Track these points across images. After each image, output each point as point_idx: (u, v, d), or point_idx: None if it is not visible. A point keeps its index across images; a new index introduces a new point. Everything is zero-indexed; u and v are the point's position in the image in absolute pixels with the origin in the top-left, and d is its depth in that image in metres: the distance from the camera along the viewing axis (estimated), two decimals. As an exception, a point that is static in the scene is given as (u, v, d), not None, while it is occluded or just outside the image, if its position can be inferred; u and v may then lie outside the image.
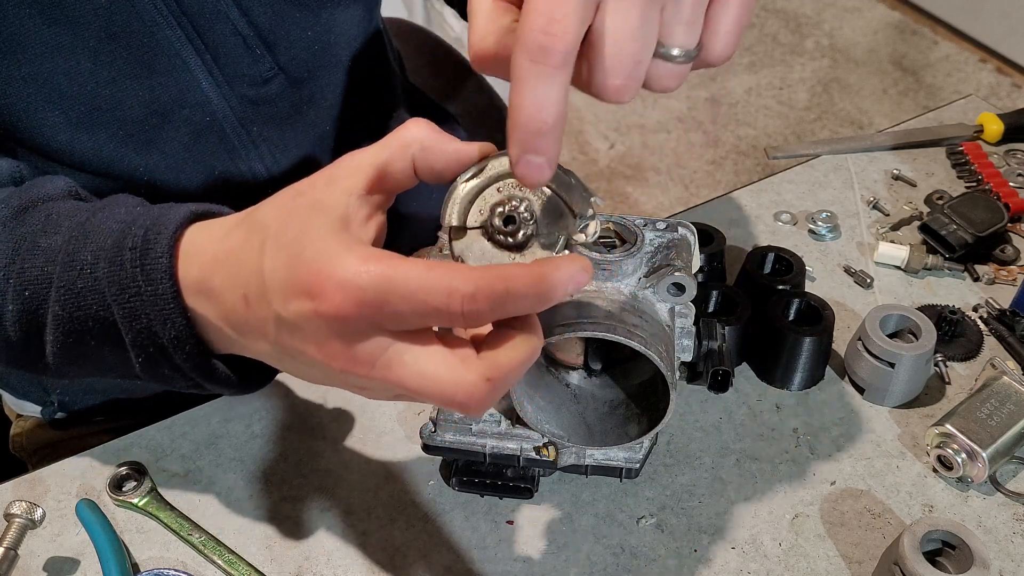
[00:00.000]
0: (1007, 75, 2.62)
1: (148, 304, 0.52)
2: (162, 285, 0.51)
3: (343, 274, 0.42)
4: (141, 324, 0.53)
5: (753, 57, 2.72)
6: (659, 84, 0.44)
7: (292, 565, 0.64)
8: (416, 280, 0.42)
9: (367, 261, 0.42)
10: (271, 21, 0.71)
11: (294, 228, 0.46)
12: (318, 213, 0.46)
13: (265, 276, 0.46)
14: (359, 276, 0.42)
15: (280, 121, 0.77)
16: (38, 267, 0.56)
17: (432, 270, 0.42)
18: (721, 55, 0.44)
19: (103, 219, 0.56)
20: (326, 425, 0.73)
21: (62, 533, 0.66)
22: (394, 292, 0.42)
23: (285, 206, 0.48)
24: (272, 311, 0.46)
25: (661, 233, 0.60)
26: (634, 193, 2.30)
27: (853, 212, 0.93)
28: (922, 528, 0.60)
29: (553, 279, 0.42)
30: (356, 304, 0.42)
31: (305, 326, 0.45)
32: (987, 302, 0.82)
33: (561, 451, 0.64)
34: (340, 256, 0.43)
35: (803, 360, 0.74)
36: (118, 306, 0.53)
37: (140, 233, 0.53)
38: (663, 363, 0.54)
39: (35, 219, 0.58)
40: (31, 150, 0.67)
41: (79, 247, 0.55)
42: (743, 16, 0.44)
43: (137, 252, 0.52)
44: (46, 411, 0.86)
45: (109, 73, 0.65)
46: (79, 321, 0.55)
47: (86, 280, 0.54)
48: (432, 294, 0.41)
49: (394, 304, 0.42)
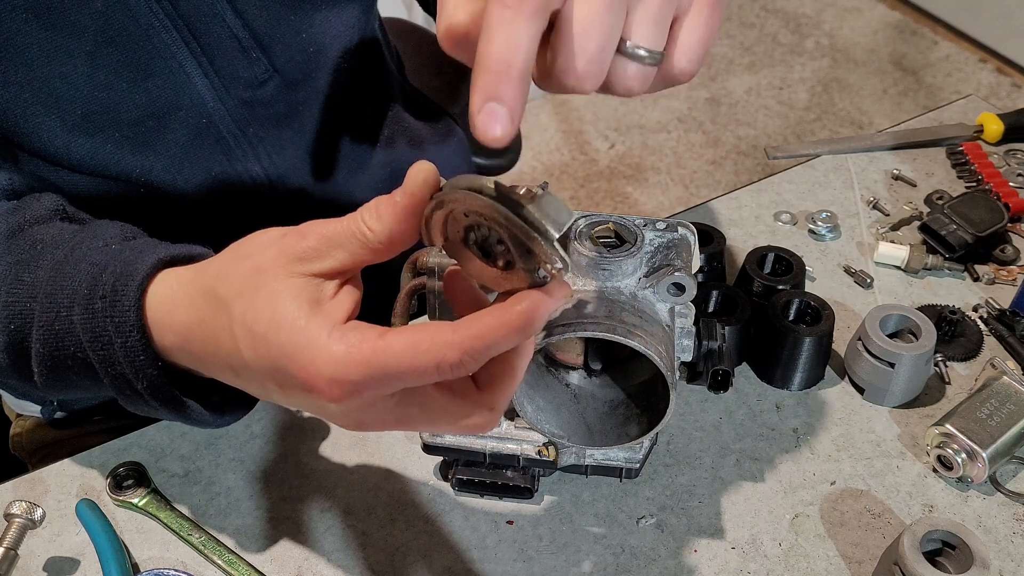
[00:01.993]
0: (1007, 75, 2.62)
1: (120, 354, 0.53)
2: (131, 337, 0.52)
3: (332, 372, 0.43)
4: (116, 371, 0.54)
5: (753, 57, 2.72)
6: (623, 84, 0.44)
7: (292, 565, 0.64)
8: (405, 361, 0.42)
9: (350, 351, 0.43)
10: (266, 24, 0.71)
11: (262, 316, 0.45)
12: (283, 296, 0.45)
13: (249, 363, 0.46)
14: (347, 371, 0.43)
15: (276, 123, 0.77)
16: (22, 302, 0.57)
17: (417, 345, 0.42)
18: (685, 70, 0.45)
19: (80, 258, 0.56)
20: (326, 425, 0.73)
21: (62, 533, 0.66)
22: (386, 376, 0.43)
23: (246, 283, 0.47)
24: (266, 389, 0.47)
25: (661, 233, 0.60)
26: (634, 193, 2.30)
27: (853, 212, 0.93)
28: (922, 528, 0.60)
29: (531, 318, 0.43)
30: (352, 394, 0.44)
31: (306, 403, 0.47)
32: (987, 302, 0.82)
33: (561, 451, 0.64)
34: (322, 352, 0.43)
35: (803, 360, 0.74)
36: (93, 352, 0.54)
37: (110, 281, 0.53)
38: (663, 363, 0.54)
39: (21, 247, 0.59)
40: (29, 154, 0.68)
41: (56, 289, 0.55)
42: (708, 36, 0.45)
43: (107, 301, 0.53)
44: (46, 411, 0.86)
45: (105, 77, 0.66)
46: (59, 360, 0.56)
47: (63, 323, 0.55)
48: (422, 369, 0.43)
49: (388, 383, 0.43)
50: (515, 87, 0.39)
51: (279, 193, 0.79)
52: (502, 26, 0.39)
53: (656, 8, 0.43)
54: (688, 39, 0.44)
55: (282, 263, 0.46)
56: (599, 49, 0.41)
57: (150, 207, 0.73)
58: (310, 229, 0.46)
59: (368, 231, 0.45)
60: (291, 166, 0.79)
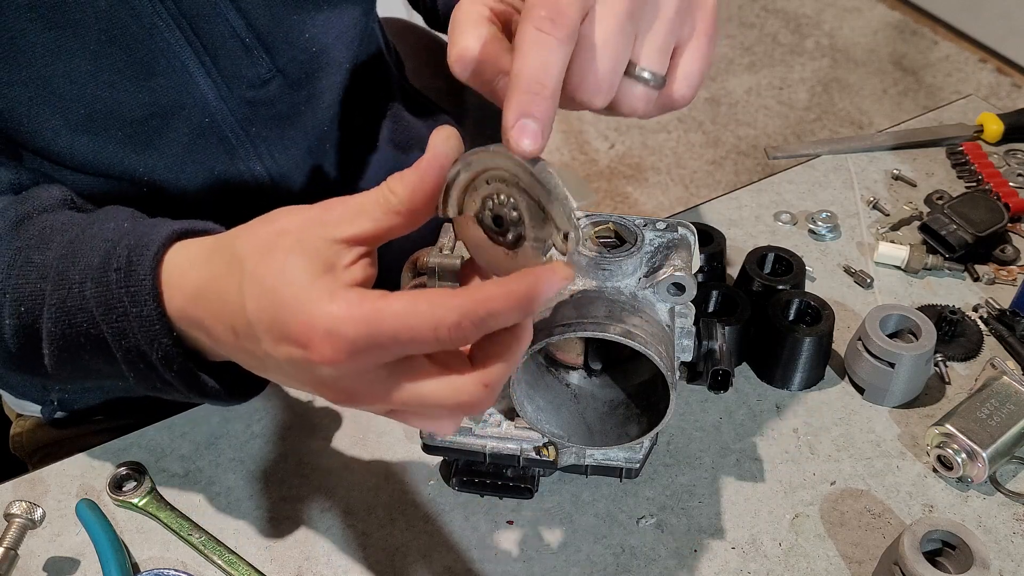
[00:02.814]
0: (1007, 75, 2.62)
1: (135, 324, 0.53)
2: (147, 307, 0.52)
3: (329, 324, 0.43)
4: (130, 343, 0.53)
5: (753, 57, 2.72)
6: (628, 104, 0.48)
7: (292, 565, 0.64)
8: (402, 320, 0.42)
9: (351, 307, 0.43)
10: (269, 23, 0.71)
11: (273, 269, 0.45)
12: (299, 255, 0.45)
13: (249, 317, 0.46)
14: (345, 326, 0.42)
15: (279, 122, 0.77)
16: (32, 283, 0.57)
17: (416, 306, 0.42)
18: (685, 95, 0.50)
19: (92, 236, 0.56)
20: (326, 425, 0.73)
21: (62, 533, 0.66)
22: (382, 335, 0.42)
23: (266, 242, 0.47)
24: (262, 349, 0.46)
25: (661, 233, 0.60)
26: (634, 193, 2.30)
27: (853, 212, 0.93)
28: (922, 528, 0.60)
29: (533, 294, 0.42)
30: (346, 353, 0.43)
31: (297, 367, 0.45)
32: (987, 302, 0.82)
33: (561, 451, 0.64)
34: (323, 305, 0.43)
35: (803, 360, 0.74)
36: (106, 325, 0.54)
37: (124, 253, 0.54)
38: (663, 363, 0.54)
39: (30, 233, 0.59)
40: (32, 153, 0.68)
41: (68, 265, 0.55)
42: (706, 66, 0.50)
43: (122, 272, 0.53)
44: (46, 410, 0.86)
45: (109, 76, 0.66)
46: (71, 338, 0.56)
47: (75, 299, 0.55)
48: (419, 331, 0.42)
49: (384, 346, 0.43)
50: (546, 105, 0.43)
51: (281, 192, 0.79)
52: (536, 47, 0.43)
53: (662, 37, 0.48)
54: (688, 68, 0.50)
55: (306, 226, 0.46)
56: (611, 69, 0.45)
57: (152, 206, 0.73)
58: (336, 201, 0.47)
59: (391, 194, 0.46)
60: (293, 165, 0.79)
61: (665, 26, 0.48)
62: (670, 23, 0.48)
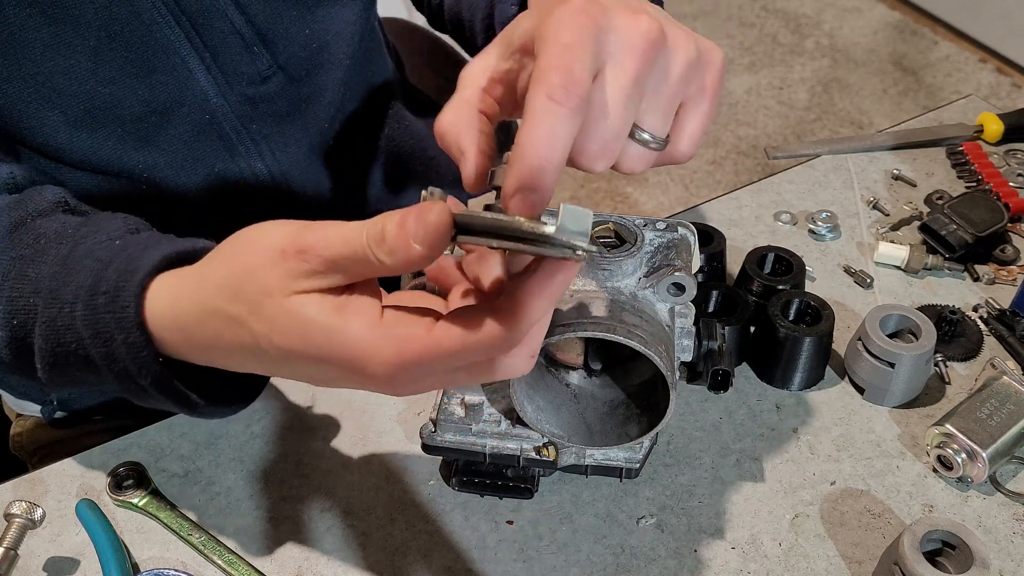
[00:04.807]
0: (1007, 75, 2.62)
1: (122, 350, 0.53)
2: (132, 334, 0.52)
3: (386, 372, 0.44)
4: (119, 367, 0.53)
5: (753, 57, 2.72)
6: (628, 164, 0.48)
7: (292, 565, 0.64)
8: (457, 352, 0.43)
9: (402, 352, 0.44)
10: (269, 19, 0.71)
11: (293, 336, 0.45)
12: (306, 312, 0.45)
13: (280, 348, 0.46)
14: (402, 373, 0.44)
15: (279, 119, 0.77)
16: (25, 296, 0.56)
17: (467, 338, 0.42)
18: (685, 153, 0.49)
19: (84, 253, 0.56)
20: (326, 425, 0.73)
21: (62, 533, 0.66)
22: (440, 365, 0.44)
23: (260, 306, 0.46)
24: (303, 370, 0.48)
25: (661, 233, 0.60)
26: (634, 193, 2.30)
27: (853, 212, 0.93)
28: (922, 528, 0.60)
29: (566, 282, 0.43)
30: (407, 383, 0.46)
31: (348, 382, 0.47)
32: (987, 302, 0.82)
33: (561, 451, 0.64)
34: (372, 355, 0.44)
35: (803, 360, 0.74)
36: (95, 348, 0.54)
37: (113, 277, 0.53)
38: (663, 363, 0.54)
39: (25, 242, 0.59)
40: (31, 149, 0.68)
41: (60, 284, 0.55)
42: (707, 124, 0.49)
43: (109, 297, 0.53)
44: (46, 410, 0.86)
45: (108, 72, 0.66)
46: (62, 356, 0.56)
47: (66, 319, 0.54)
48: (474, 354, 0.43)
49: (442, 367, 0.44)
50: (551, 178, 0.41)
51: (281, 190, 0.79)
52: (546, 118, 0.41)
53: (667, 102, 0.47)
54: (691, 127, 0.49)
55: (289, 281, 0.45)
56: (614, 137, 0.45)
57: (152, 204, 0.73)
58: (312, 248, 0.45)
59: (376, 263, 0.43)
60: (293, 163, 0.79)
61: (672, 89, 0.47)
62: (676, 85, 0.47)
